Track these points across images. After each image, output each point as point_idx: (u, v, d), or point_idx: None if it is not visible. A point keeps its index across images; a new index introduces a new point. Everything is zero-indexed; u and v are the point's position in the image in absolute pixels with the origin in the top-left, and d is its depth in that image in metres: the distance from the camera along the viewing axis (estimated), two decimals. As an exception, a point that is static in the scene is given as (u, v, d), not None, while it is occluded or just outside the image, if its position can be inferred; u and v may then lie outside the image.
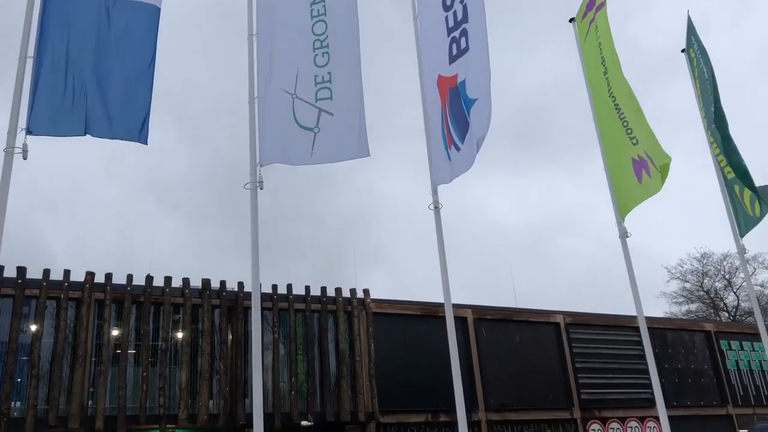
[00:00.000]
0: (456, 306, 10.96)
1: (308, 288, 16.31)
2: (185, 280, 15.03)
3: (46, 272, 13.62)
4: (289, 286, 16.11)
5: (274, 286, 15.88)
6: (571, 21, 11.12)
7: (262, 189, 7.85)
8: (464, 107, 7.96)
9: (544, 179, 67.92)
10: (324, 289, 16.51)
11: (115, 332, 14.09)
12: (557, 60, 66.10)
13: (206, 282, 15.18)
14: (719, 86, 11.62)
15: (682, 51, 12.68)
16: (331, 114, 7.92)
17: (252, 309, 7.70)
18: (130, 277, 14.45)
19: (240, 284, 15.55)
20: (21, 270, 13.45)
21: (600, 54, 10.09)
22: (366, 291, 17.05)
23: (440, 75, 8.49)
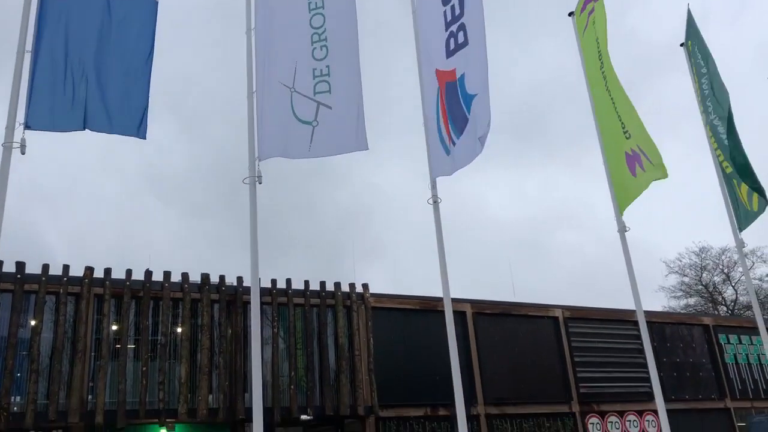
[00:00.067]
0: (455, 300, 10.96)
1: (307, 283, 16.32)
2: (184, 275, 15.03)
3: (45, 267, 13.62)
4: (288, 281, 16.12)
5: (273, 281, 15.89)
6: (571, 15, 11.11)
7: (261, 183, 7.85)
8: (462, 102, 7.95)
9: (543, 173, 68.00)
10: (323, 284, 16.52)
11: (115, 327, 14.10)
12: (556, 54, 66.02)
13: (205, 277, 15.18)
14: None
15: (681, 45, 12.67)
16: (330, 107, 7.91)
17: (251, 304, 7.71)
18: (129, 272, 14.45)
19: (239, 279, 15.56)
20: (20, 265, 13.45)
21: (597, 48, 10.09)
22: (365, 285, 17.06)
23: (437, 69, 8.49)
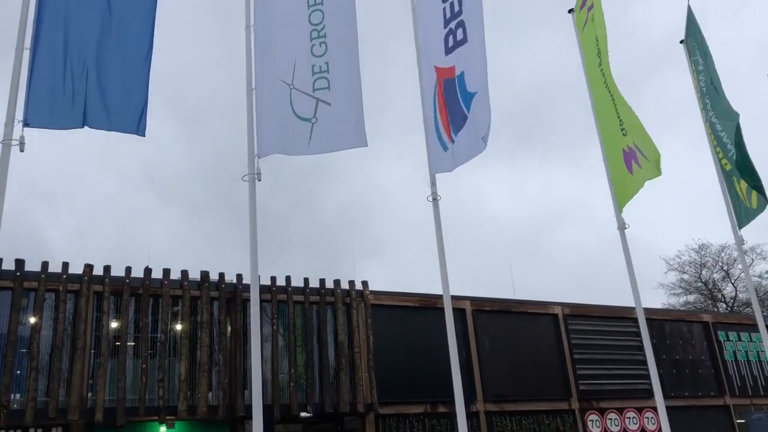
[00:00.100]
0: (454, 298, 10.95)
1: (307, 280, 16.32)
2: (184, 273, 15.03)
3: (45, 265, 13.62)
4: (288, 278, 16.12)
5: (273, 278, 15.89)
6: (570, 12, 11.08)
7: (261, 181, 7.83)
8: (461, 100, 7.94)
9: (543, 171, 67.93)
10: (323, 281, 16.52)
11: (114, 324, 14.10)
12: (556, 51, 65.92)
13: (205, 274, 15.18)
14: (720, 78, 11.56)
15: (681, 42, 12.64)
16: (329, 104, 7.88)
17: (251, 301, 7.70)
18: (129, 270, 14.45)
19: (239, 276, 15.55)
20: (19, 262, 13.44)
21: (596, 45, 10.07)
22: (364, 283, 17.07)
23: (436, 66, 8.48)
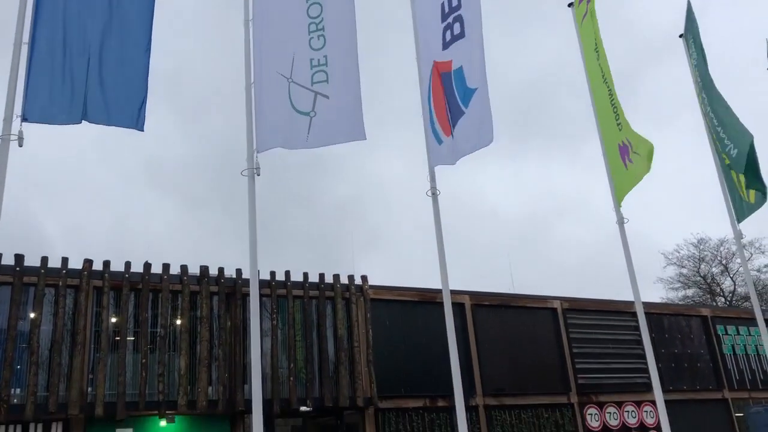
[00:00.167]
0: (454, 292, 10.97)
1: (306, 275, 16.33)
2: (183, 267, 15.04)
3: (44, 260, 13.62)
4: (287, 273, 16.12)
5: (272, 273, 15.90)
6: (570, 5, 11.07)
7: (259, 175, 7.83)
8: (458, 94, 7.97)
9: (542, 165, 67.90)
10: (322, 276, 16.53)
11: (114, 319, 14.11)
12: (556, 45, 65.82)
13: (204, 269, 15.19)
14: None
15: (680, 36, 12.62)
16: (327, 97, 7.88)
17: (250, 296, 7.71)
18: (128, 265, 14.45)
19: (238, 271, 15.56)
20: (19, 257, 13.45)
21: (595, 39, 10.07)
22: (364, 277, 17.08)
23: (435, 60, 8.51)
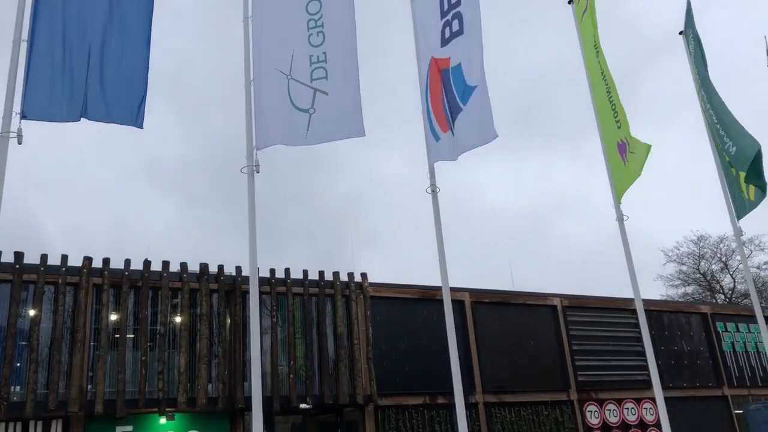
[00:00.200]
0: (453, 289, 10.97)
1: (306, 272, 16.32)
2: (183, 265, 15.03)
3: (44, 257, 13.62)
4: (287, 270, 16.12)
5: (272, 270, 15.90)
6: (570, 2, 11.05)
7: (259, 173, 7.83)
8: (456, 91, 7.97)
9: (542, 161, 67.87)
10: (322, 273, 16.53)
11: (114, 317, 14.12)
12: (556, 42, 65.75)
13: (204, 266, 15.19)
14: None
15: (680, 33, 12.61)
16: (326, 93, 7.87)
17: (250, 293, 7.71)
18: (128, 262, 14.45)
19: (238, 268, 15.56)
20: (18, 255, 13.44)
21: (594, 35, 10.06)
22: (364, 275, 17.07)
23: (433, 57, 8.52)
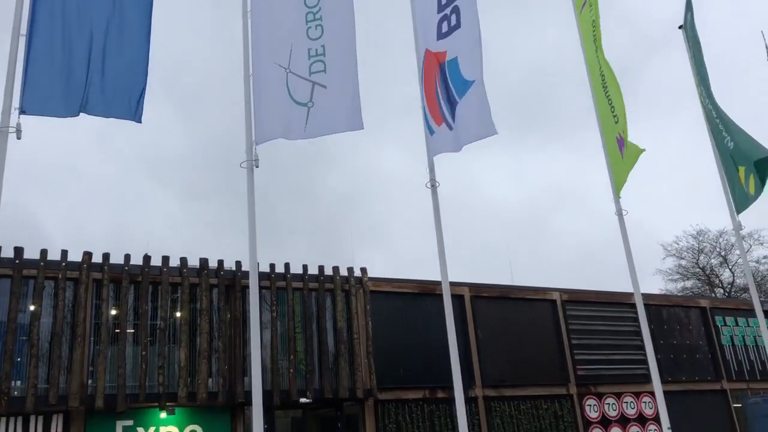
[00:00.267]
0: (453, 284, 10.99)
1: (306, 267, 16.33)
2: (183, 260, 15.04)
3: (44, 252, 13.62)
4: (287, 265, 16.13)
5: (272, 265, 15.91)
6: (571, -4, 11.03)
7: (258, 167, 7.83)
8: (452, 85, 7.97)
9: (542, 155, 67.76)
10: (321, 268, 16.54)
11: (114, 312, 14.13)
12: (557, 34, 65.57)
13: (204, 261, 15.19)
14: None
15: (680, 27, 12.60)
16: (325, 86, 7.87)
17: (250, 288, 7.72)
18: (128, 257, 14.45)
19: (238, 263, 15.56)
20: (18, 250, 13.44)
21: (593, 30, 10.05)
22: (363, 269, 17.09)
23: (428, 50, 8.51)
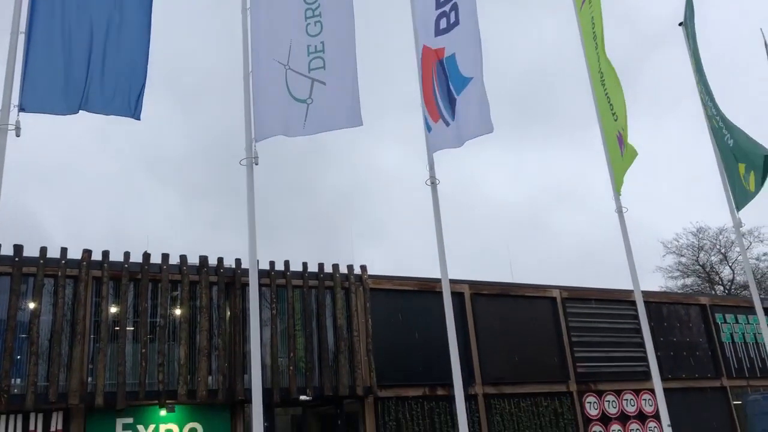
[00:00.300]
0: (453, 281, 10.98)
1: (305, 264, 16.32)
2: (182, 257, 15.03)
3: (43, 250, 13.61)
4: (287, 263, 16.12)
5: (272, 263, 15.90)
6: (570, -7, 11.01)
7: (258, 164, 7.82)
8: (450, 82, 7.96)
9: (543, 152, 67.71)
10: (321, 266, 16.53)
11: (113, 309, 14.12)
12: (558, 30, 65.49)
13: (203, 259, 15.18)
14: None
15: (680, 24, 12.57)
16: (324, 83, 7.86)
17: (250, 285, 7.71)
18: (127, 255, 14.44)
19: (237, 261, 15.56)
20: (18, 248, 13.43)
21: (592, 27, 10.04)
22: (363, 267, 17.09)
23: (425, 46, 8.50)
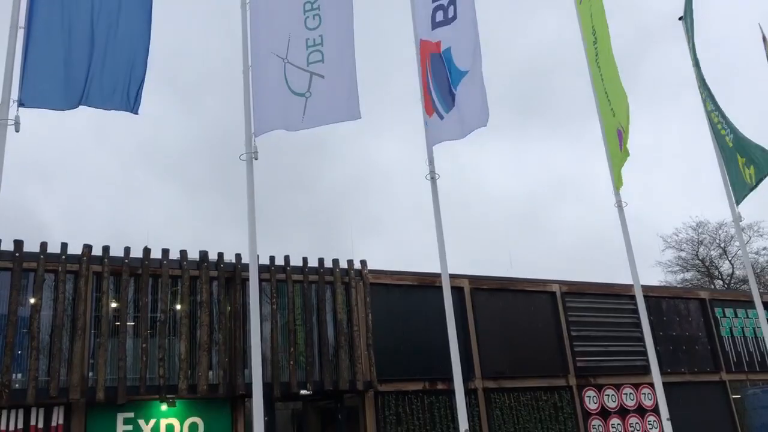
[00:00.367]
0: (452, 276, 10.99)
1: (306, 259, 16.34)
2: (183, 252, 15.05)
3: (43, 245, 13.63)
4: (287, 258, 16.14)
5: (272, 258, 15.92)
6: (570, -13, 11.00)
7: (258, 159, 7.82)
8: (448, 76, 7.96)
9: (543, 147, 67.64)
10: (321, 261, 16.55)
11: (114, 304, 14.15)
12: (558, 24, 65.33)
13: (204, 254, 15.20)
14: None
15: (680, 19, 12.56)
16: (322, 77, 7.85)
17: (250, 280, 7.73)
18: (128, 250, 14.46)
19: (237, 256, 15.57)
20: (18, 243, 13.45)
21: (591, 22, 10.04)
22: (363, 262, 17.10)
23: (422, 39, 8.50)
